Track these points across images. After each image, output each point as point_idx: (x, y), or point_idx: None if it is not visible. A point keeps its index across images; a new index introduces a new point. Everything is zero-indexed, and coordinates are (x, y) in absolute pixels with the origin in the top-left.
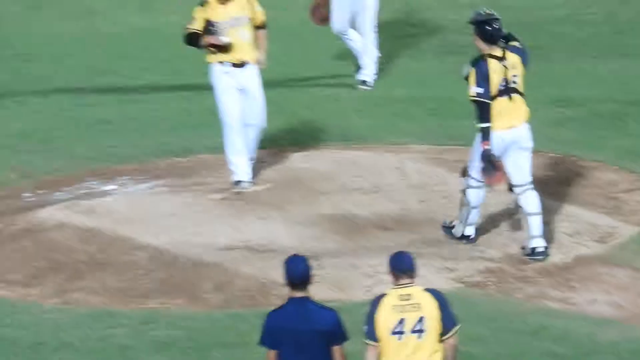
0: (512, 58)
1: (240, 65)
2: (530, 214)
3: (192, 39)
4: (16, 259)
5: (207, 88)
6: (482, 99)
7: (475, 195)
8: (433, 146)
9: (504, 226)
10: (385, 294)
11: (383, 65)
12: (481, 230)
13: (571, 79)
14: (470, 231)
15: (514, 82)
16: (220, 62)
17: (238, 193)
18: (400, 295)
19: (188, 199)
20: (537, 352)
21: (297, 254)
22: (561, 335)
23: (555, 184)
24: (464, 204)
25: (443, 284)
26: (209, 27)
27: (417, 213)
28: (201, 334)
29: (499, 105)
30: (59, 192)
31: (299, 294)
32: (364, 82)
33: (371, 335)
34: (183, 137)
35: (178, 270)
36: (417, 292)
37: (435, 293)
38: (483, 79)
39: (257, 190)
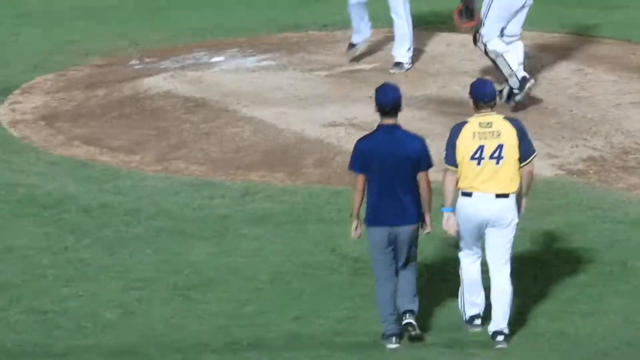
0: None
1: None
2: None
3: None
4: (120, 125)
5: None
6: None
7: (497, 43)
8: (543, 33)
9: (609, 115)
10: (467, 121)
11: None
12: (585, 119)
13: None
14: (522, 73)
15: None
16: None
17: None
18: (481, 123)
19: (295, 74)
20: (635, 242)
21: (388, 82)
22: None
23: None
24: (497, 57)
25: (545, 170)
26: None
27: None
28: (298, 208)
29: None
30: (167, 61)
31: (388, 121)
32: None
33: (451, 160)
34: (293, 12)
35: (281, 144)
36: (497, 120)
37: (514, 122)
38: None
39: (365, 68)
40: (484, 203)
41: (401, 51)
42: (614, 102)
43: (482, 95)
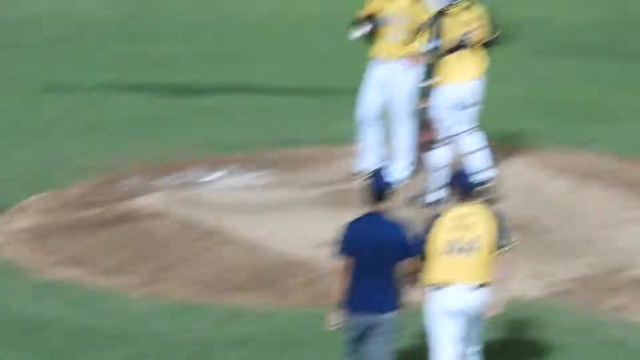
0: (470, 14)
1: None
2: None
3: (357, 22)
4: (108, 246)
5: (320, 78)
6: (433, 54)
7: (439, 156)
8: (538, 149)
9: (595, 235)
10: (444, 211)
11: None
12: (578, 237)
13: None
14: (441, 194)
15: (471, 36)
16: (374, 56)
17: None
18: (458, 212)
19: (290, 193)
20: None
21: (380, 168)
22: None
23: None
24: (431, 168)
25: (532, 291)
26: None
27: (515, 216)
28: (282, 331)
29: (455, 59)
30: (164, 178)
31: (377, 207)
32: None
33: (423, 251)
34: (292, 128)
35: (269, 265)
36: (475, 209)
37: (493, 211)
38: (436, 35)
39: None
40: (456, 295)
41: (401, 165)
42: (609, 220)
43: (462, 186)
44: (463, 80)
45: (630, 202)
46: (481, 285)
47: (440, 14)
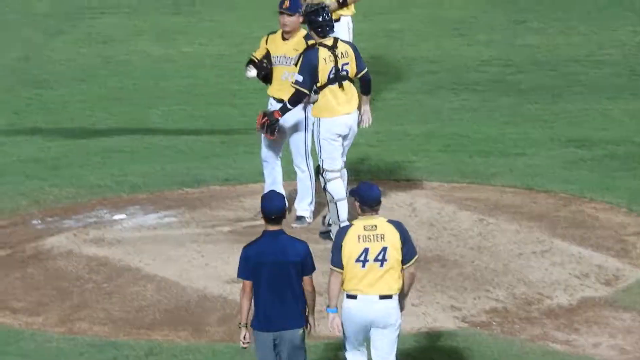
0: (344, 47)
1: (280, 101)
2: (339, 200)
3: (250, 63)
4: (22, 286)
5: (219, 118)
6: (299, 87)
7: (335, 188)
8: (444, 183)
9: (505, 267)
10: (352, 224)
11: (399, 101)
12: (487, 270)
13: (587, 119)
14: (345, 224)
15: (345, 71)
16: (273, 97)
17: (246, 226)
18: (365, 226)
19: (197, 231)
20: None
21: (273, 190)
22: None
23: (566, 225)
24: (330, 200)
25: (448, 323)
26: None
27: (425, 250)
28: None
29: (330, 93)
30: (69, 219)
31: (273, 228)
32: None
33: (337, 262)
34: (194, 167)
35: (183, 302)
36: (381, 223)
37: (397, 225)
38: (308, 69)
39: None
40: (368, 305)
41: (303, 205)
42: (516, 252)
43: (368, 199)
44: (339, 113)
45: (534, 234)
46: (390, 296)
47: (312, 47)
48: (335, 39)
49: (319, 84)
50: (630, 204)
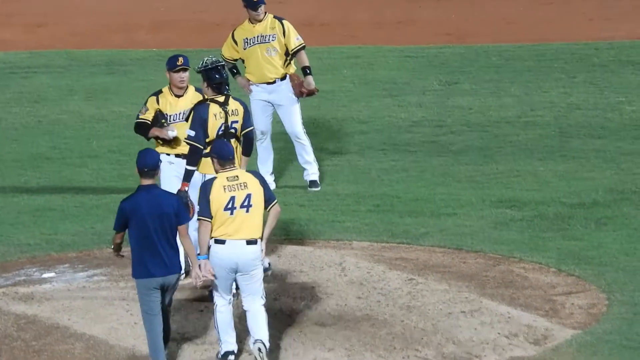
0: (235, 105)
1: (183, 157)
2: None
3: (141, 128)
4: None
5: None
6: (193, 143)
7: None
8: (374, 243)
9: (435, 327)
10: (216, 177)
11: (329, 161)
12: (416, 329)
13: (517, 180)
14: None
15: (234, 128)
16: (167, 154)
17: None
18: (228, 177)
19: (126, 289)
20: None
21: (148, 148)
22: None
23: (495, 285)
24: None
25: None
26: (159, 118)
27: (354, 309)
28: None
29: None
30: None
31: (147, 182)
32: (310, 183)
33: (206, 213)
34: None
35: None
36: (241, 173)
37: (255, 173)
38: (199, 123)
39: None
40: (236, 248)
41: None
42: (445, 312)
43: (224, 153)
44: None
45: (464, 294)
46: (255, 241)
47: (204, 102)
48: (227, 96)
49: (207, 139)
50: (559, 264)
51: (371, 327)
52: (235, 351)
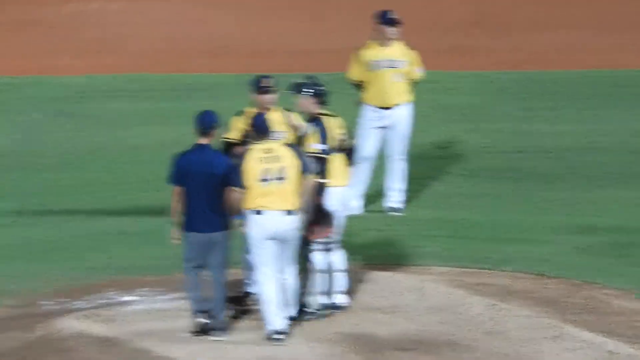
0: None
1: None
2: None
3: (228, 148)
4: None
5: None
6: (324, 155)
7: (321, 259)
8: (454, 268)
9: (518, 353)
10: (251, 149)
11: (410, 187)
12: (499, 355)
13: (595, 207)
14: (323, 300)
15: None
16: None
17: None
18: (263, 149)
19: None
20: None
21: (209, 110)
22: None
23: (577, 311)
24: (311, 270)
25: None
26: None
27: (436, 334)
28: None
29: (337, 162)
30: (78, 301)
31: (203, 141)
32: (392, 209)
33: (238, 182)
34: None
35: None
36: (276, 146)
37: (292, 146)
38: (324, 137)
39: None
40: (273, 219)
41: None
42: (528, 337)
43: (262, 127)
44: (345, 183)
45: (546, 320)
46: (292, 211)
47: (317, 117)
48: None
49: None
50: None
51: (452, 352)
52: (283, 329)
